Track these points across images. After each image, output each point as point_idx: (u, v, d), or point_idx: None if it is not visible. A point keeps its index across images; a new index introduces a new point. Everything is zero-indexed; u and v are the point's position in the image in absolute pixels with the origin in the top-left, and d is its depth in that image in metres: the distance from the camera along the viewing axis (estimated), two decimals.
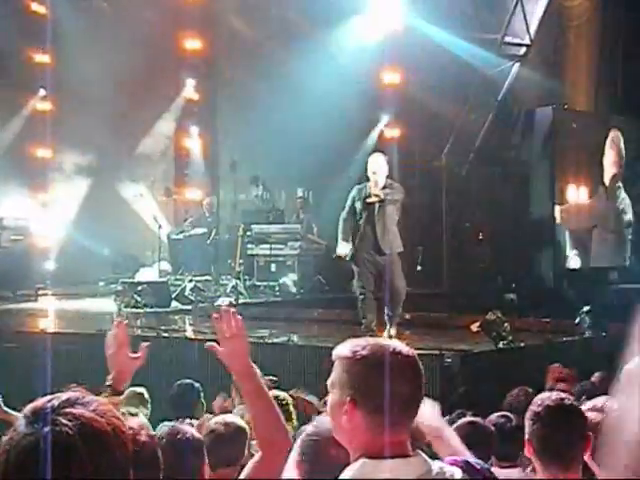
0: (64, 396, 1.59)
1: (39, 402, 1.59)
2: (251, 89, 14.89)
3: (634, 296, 11.17)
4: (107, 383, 3.11)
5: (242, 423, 4.00)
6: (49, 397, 1.59)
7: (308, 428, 2.77)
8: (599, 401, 3.19)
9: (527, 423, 3.12)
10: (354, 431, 2.06)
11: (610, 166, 13.55)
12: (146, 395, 5.99)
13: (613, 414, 2.57)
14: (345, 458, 2.21)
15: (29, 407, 1.58)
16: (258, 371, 2.71)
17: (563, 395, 3.22)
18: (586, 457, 3.10)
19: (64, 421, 1.53)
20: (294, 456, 2.65)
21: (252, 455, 2.99)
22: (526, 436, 3.09)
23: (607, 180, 13.51)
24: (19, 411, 1.63)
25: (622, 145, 13.59)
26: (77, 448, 1.51)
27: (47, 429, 1.52)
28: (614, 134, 13.54)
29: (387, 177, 9.06)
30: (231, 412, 5.05)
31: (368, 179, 9.18)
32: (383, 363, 2.05)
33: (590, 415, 3.14)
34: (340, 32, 14.11)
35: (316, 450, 2.70)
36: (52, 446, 1.50)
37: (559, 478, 2.92)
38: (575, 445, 3.05)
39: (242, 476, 2.77)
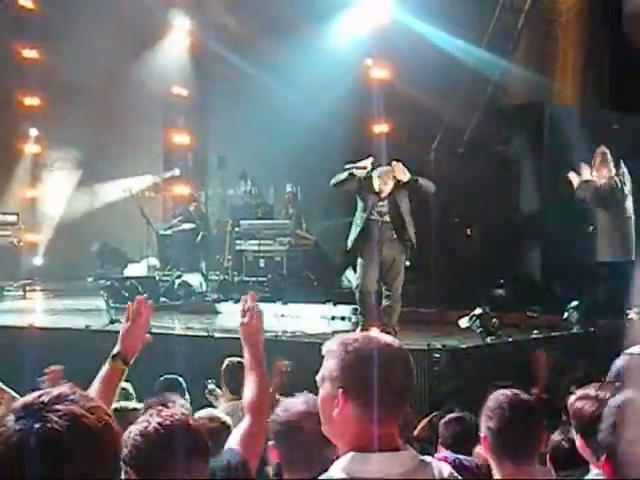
0: (55, 392, 1.58)
1: (29, 398, 1.57)
2: (239, 84, 14.86)
3: (622, 292, 11.24)
4: (115, 352, 3.37)
5: (227, 419, 4.03)
6: (39, 393, 1.58)
7: (277, 413, 2.84)
8: (590, 389, 3.20)
9: (482, 419, 3.14)
10: (345, 424, 2.06)
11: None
12: (131, 390, 5.98)
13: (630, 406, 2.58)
14: (318, 438, 2.24)
15: (19, 402, 1.57)
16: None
17: (517, 391, 3.24)
18: (578, 445, 3.12)
19: (54, 417, 1.52)
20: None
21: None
22: (481, 433, 3.11)
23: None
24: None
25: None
26: (67, 444, 1.50)
27: (37, 425, 1.51)
28: (603, 153, 13.59)
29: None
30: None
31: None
32: (375, 356, 2.06)
33: (579, 404, 3.16)
34: (328, 27, 14.10)
35: (289, 433, 2.76)
36: (42, 443, 1.49)
37: (518, 474, 2.92)
38: (530, 440, 3.07)
39: (231, 439, 2.96)
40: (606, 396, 3.08)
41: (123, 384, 6.04)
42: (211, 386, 6.44)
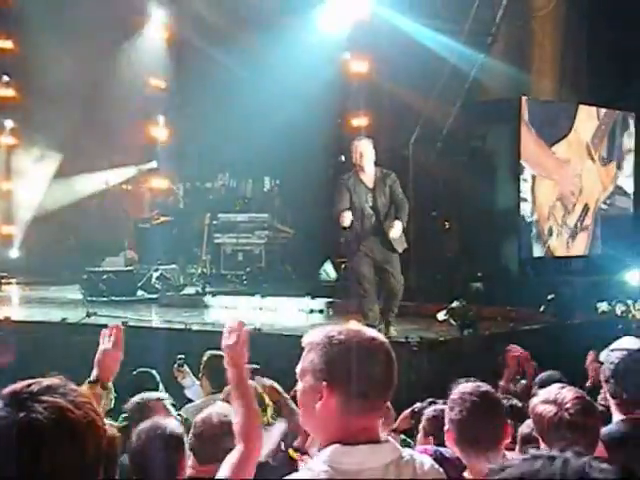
0: (45, 383, 1.59)
1: (19, 386, 1.58)
2: (218, 77, 14.80)
3: (598, 285, 11.34)
4: (93, 378, 3.27)
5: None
6: (30, 382, 1.59)
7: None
8: (551, 393, 3.19)
9: (446, 411, 3.16)
10: (327, 417, 2.06)
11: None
12: (109, 385, 5.94)
13: None
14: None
15: (8, 389, 1.58)
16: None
17: (480, 383, 3.26)
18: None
19: (39, 408, 1.52)
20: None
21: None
22: (445, 425, 3.12)
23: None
24: None
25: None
26: (48, 436, 1.51)
27: (21, 414, 1.52)
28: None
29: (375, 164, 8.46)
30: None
31: (343, 164, 8.98)
32: (360, 348, 2.06)
33: (539, 408, 3.15)
34: (307, 20, 14.07)
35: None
36: (23, 431, 1.50)
37: (483, 464, 2.92)
38: (492, 430, 3.08)
39: (222, 471, 2.81)
40: (565, 399, 3.09)
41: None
42: (180, 361, 6.42)
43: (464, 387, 3.20)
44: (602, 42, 14.20)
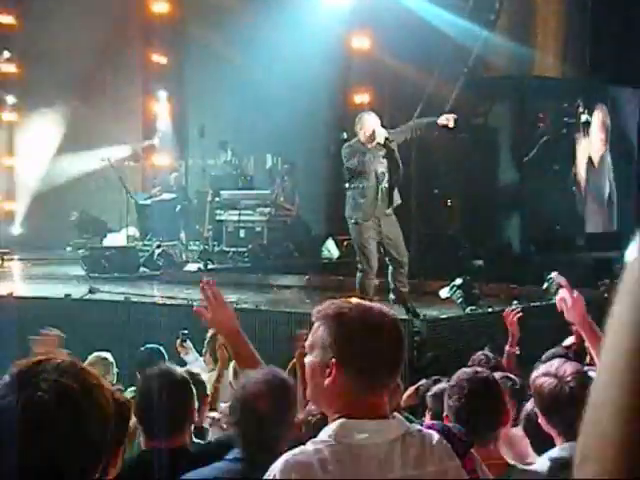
0: (55, 361, 1.58)
1: (28, 362, 1.58)
2: (220, 53, 14.73)
3: (600, 262, 11.34)
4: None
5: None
6: (40, 359, 1.58)
7: (239, 381, 2.86)
8: (552, 366, 3.19)
9: (445, 399, 3.14)
10: (335, 393, 2.06)
11: (599, 143, 13.74)
12: (110, 359, 5.97)
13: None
14: (272, 418, 2.24)
15: (17, 365, 1.57)
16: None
17: (479, 369, 3.24)
18: (541, 422, 3.12)
19: (44, 386, 1.51)
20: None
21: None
22: (444, 412, 3.11)
23: (595, 155, 13.70)
24: None
25: (609, 123, 13.76)
26: (50, 415, 1.50)
27: (26, 392, 1.51)
28: (603, 114, 13.65)
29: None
30: None
31: (345, 140, 8.81)
32: (369, 324, 2.06)
33: (539, 380, 3.14)
34: None
35: (243, 410, 2.78)
36: (26, 409, 1.50)
37: (480, 453, 2.90)
38: (491, 418, 3.07)
39: None
40: (566, 373, 3.08)
41: (103, 354, 6.05)
42: (183, 337, 6.43)
43: (463, 373, 3.18)
44: (606, 19, 14.11)
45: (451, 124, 8.16)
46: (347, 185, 8.24)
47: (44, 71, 14.32)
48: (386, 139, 7.98)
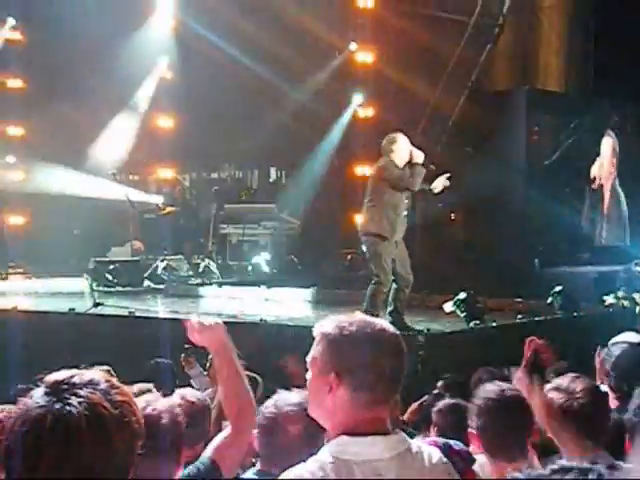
0: (87, 376, 1.61)
1: (61, 375, 1.61)
2: (224, 67, 14.77)
3: (605, 277, 11.31)
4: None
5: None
6: (73, 373, 1.61)
7: (267, 405, 2.82)
8: (564, 380, 3.19)
9: (472, 417, 3.13)
10: (336, 408, 2.06)
11: (609, 167, 13.78)
12: (111, 373, 5.95)
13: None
14: (300, 441, 2.23)
15: (51, 377, 1.61)
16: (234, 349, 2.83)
17: (504, 386, 3.23)
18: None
19: (75, 402, 1.55)
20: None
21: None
22: (472, 430, 3.10)
23: (605, 179, 13.74)
24: None
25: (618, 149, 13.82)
26: (80, 430, 1.53)
27: (57, 406, 1.54)
28: (613, 141, 13.69)
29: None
30: None
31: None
32: (370, 340, 2.06)
33: (551, 395, 3.14)
34: (313, 8, 14.02)
35: (272, 430, 2.75)
36: (56, 423, 1.53)
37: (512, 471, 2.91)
38: (522, 436, 3.06)
39: (209, 451, 2.77)
40: (577, 388, 3.08)
41: (103, 367, 6.03)
42: (187, 351, 6.41)
43: (488, 392, 3.14)
44: (609, 35, 14.13)
45: (438, 190, 8.35)
46: (371, 201, 8.20)
47: (47, 83, 14.38)
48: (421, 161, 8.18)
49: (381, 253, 8.03)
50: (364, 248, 8.33)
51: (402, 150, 8.15)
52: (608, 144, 13.74)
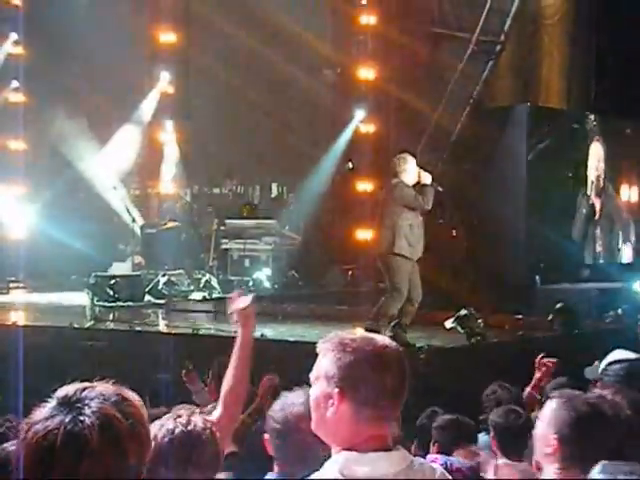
0: (99, 389, 1.62)
1: (73, 387, 1.62)
2: (225, 82, 14.84)
3: (606, 294, 11.31)
4: None
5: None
6: (84, 385, 1.63)
7: (275, 409, 2.84)
8: (606, 392, 3.17)
9: (548, 425, 3.08)
10: (339, 424, 2.07)
11: (601, 175, 13.85)
12: None
13: None
14: (313, 439, 2.23)
15: (63, 389, 1.63)
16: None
17: (591, 398, 3.15)
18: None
19: (88, 412, 1.56)
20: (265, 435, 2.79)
21: None
22: (550, 440, 3.07)
23: (598, 186, 13.81)
24: None
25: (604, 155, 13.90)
26: (91, 442, 1.54)
27: (69, 417, 1.56)
28: (600, 150, 13.76)
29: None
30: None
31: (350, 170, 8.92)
32: (373, 356, 2.07)
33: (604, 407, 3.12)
34: (316, 25, 14.10)
35: (285, 432, 2.76)
36: (68, 435, 1.54)
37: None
38: (605, 449, 3.03)
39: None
40: (579, 402, 3.06)
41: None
42: (189, 367, 6.39)
43: (579, 404, 2.96)
44: (610, 51, 14.19)
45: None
46: (388, 222, 8.31)
47: (46, 99, 14.44)
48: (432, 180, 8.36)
49: (402, 271, 8.18)
50: (382, 267, 8.39)
51: (412, 170, 8.34)
52: (597, 151, 13.78)
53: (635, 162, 14.81)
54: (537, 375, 5.54)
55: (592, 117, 13.93)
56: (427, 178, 8.37)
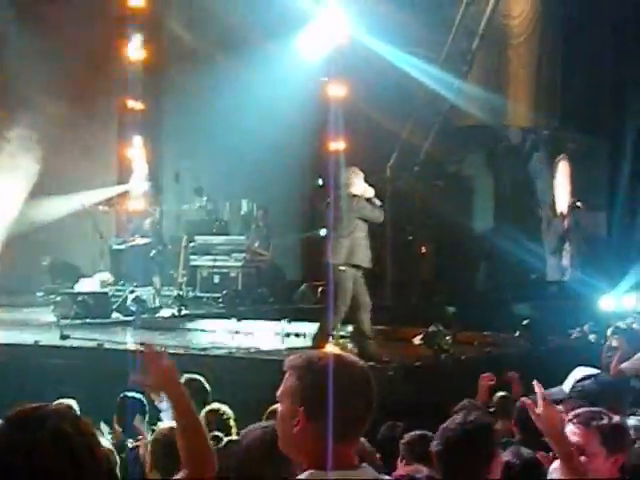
0: (51, 408, 1.63)
1: (27, 408, 1.63)
2: (195, 99, 14.82)
3: (572, 310, 11.42)
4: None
5: None
6: (37, 405, 1.63)
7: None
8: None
9: (432, 449, 3.11)
10: (304, 441, 2.07)
11: (566, 194, 14.00)
12: (75, 406, 5.87)
13: None
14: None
15: (15, 410, 1.63)
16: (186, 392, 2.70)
17: (467, 419, 3.19)
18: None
19: (44, 431, 1.57)
20: None
21: None
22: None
23: (563, 204, 13.92)
24: None
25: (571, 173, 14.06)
26: (48, 459, 1.55)
27: (23, 435, 1.56)
28: (567, 167, 13.93)
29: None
30: None
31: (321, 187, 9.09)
32: (339, 374, 2.07)
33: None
34: (286, 44, 14.14)
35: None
36: (25, 453, 1.54)
37: None
38: (479, 465, 3.06)
39: None
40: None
41: (67, 401, 5.95)
42: (163, 401, 6.35)
43: (451, 422, 3.10)
44: (576, 71, 14.38)
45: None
46: (342, 231, 8.47)
47: (17, 115, 14.30)
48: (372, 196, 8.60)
49: (349, 281, 8.36)
50: (335, 277, 8.43)
51: (360, 184, 8.60)
52: (563, 168, 13.96)
53: (605, 178, 15.00)
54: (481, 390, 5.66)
55: (558, 134, 14.11)
56: (371, 192, 8.63)
